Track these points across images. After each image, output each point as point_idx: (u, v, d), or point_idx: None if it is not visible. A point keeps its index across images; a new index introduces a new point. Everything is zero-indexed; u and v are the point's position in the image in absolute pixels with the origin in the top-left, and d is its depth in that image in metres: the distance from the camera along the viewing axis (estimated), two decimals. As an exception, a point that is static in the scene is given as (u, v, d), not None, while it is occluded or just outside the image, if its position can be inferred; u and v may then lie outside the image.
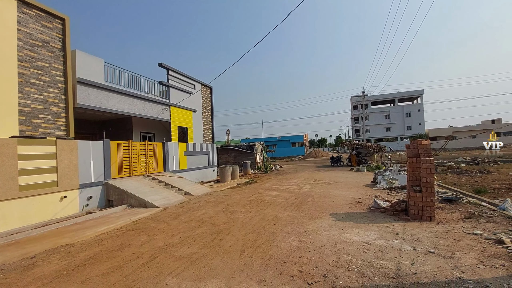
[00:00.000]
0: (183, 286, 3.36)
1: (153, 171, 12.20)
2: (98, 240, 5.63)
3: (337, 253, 4.20)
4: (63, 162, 8.12)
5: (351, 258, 3.97)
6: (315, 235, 5.11)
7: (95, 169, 9.26)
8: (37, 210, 7.38)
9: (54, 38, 8.80)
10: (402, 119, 61.39)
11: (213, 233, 5.64)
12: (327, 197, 9.08)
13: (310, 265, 3.81)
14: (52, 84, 8.64)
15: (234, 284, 3.36)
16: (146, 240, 5.39)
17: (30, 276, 3.93)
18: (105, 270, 3.99)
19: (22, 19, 7.98)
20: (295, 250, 4.38)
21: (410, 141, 6.54)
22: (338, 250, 4.30)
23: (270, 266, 3.83)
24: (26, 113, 7.89)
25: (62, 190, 8.06)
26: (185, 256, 4.40)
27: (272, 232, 5.44)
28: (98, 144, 9.51)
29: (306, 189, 11.15)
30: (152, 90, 13.72)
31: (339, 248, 4.41)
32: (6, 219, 6.67)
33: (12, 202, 6.83)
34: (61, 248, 5.19)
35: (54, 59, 8.75)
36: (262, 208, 7.89)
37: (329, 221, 6.12)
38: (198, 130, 17.71)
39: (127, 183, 9.81)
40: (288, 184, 13.28)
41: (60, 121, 8.79)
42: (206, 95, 19.27)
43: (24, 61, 7.94)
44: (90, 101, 9.91)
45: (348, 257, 4.00)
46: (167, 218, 7.21)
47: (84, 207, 8.71)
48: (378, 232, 5.13)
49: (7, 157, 6.77)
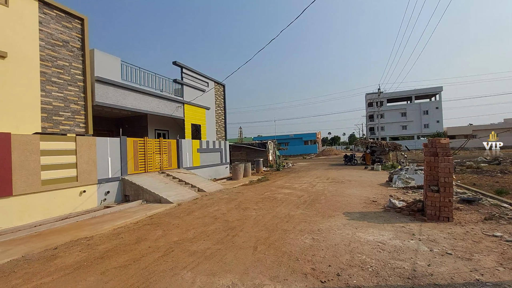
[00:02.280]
0: (197, 280, 3.43)
1: (167, 168, 12.44)
2: (115, 233, 5.82)
3: (351, 252, 4.15)
4: (82, 158, 8.42)
5: (365, 258, 3.91)
6: (328, 234, 5.08)
7: (112, 165, 9.55)
8: (58, 204, 7.71)
9: (73, 38, 9.09)
10: (419, 117, 59.56)
11: (226, 229, 5.70)
12: (340, 196, 8.97)
13: (324, 263, 3.79)
14: (72, 82, 8.95)
15: (247, 279, 3.40)
16: (161, 235, 5.53)
17: (52, 267, 4.12)
18: (123, 263, 4.13)
19: (44, 19, 8.29)
20: (308, 248, 4.37)
21: (428, 139, 6.35)
22: (352, 249, 4.25)
23: (283, 263, 3.84)
24: (47, 110, 8.22)
25: (81, 185, 8.37)
26: (199, 251, 4.48)
27: (284, 230, 5.45)
28: (115, 141, 9.80)
29: (319, 188, 11.06)
30: (166, 88, 13.95)
31: (353, 247, 4.36)
32: (30, 211, 7.01)
33: (35, 195, 7.16)
34: (81, 240, 5.41)
35: (74, 58, 9.05)
36: (275, 205, 7.90)
37: (342, 220, 6.05)
38: (211, 128, 17.88)
39: (143, 179, 10.06)
40: (300, 182, 13.22)
41: (79, 118, 9.11)
42: (219, 92, 19.40)
43: (46, 61, 8.25)
44: (107, 99, 10.21)
45: (362, 257, 3.96)
46: (181, 214, 7.35)
47: (102, 202, 9.01)
48: (393, 232, 5.04)
49: (31, 152, 7.09)
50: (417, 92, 60.36)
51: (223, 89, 19.96)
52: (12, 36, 7.45)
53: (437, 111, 58.27)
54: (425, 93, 59.92)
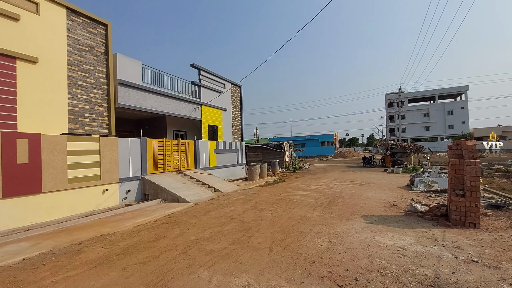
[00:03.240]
0: (214, 279, 3.48)
1: (184, 168, 12.71)
2: (136, 231, 6.02)
3: (370, 256, 4.05)
4: (105, 158, 8.79)
5: (384, 263, 3.80)
6: (345, 237, 4.98)
7: (133, 164, 9.89)
8: (83, 201, 8.08)
9: (98, 43, 9.53)
10: (443, 117, 56.95)
11: (242, 229, 5.74)
12: (358, 199, 8.77)
13: (341, 267, 3.72)
14: (96, 85, 9.37)
15: (263, 280, 3.41)
16: (179, 233, 5.65)
17: (77, 261, 4.33)
18: (142, 259, 4.27)
19: (71, 26, 8.75)
20: (325, 251, 4.31)
21: (453, 141, 6.07)
22: (370, 254, 4.14)
23: (299, 265, 3.81)
24: (74, 112, 8.66)
25: (104, 184, 8.73)
26: (216, 250, 4.54)
27: (301, 232, 5.40)
28: (136, 142, 10.14)
29: (336, 190, 10.87)
30: (184, 90, 14.27)
31: (372, 251, 4.24)
32: (57, 208, 7.40)
33: (62, 193, 7.55)
34: (103, 236, 5.64)
35: (98, 62, 9.48)
36: (291, 207, 7.85)
37: (360, 223, 5.91)
38: (228, 129, 18.06)
39: (161, 179, 10.34)
40: (317, 184, 13.04)
41: (103, 120, 9.52)
42: (236, 94, 19.57)
43: (73, 65, 8.71)
44: (129, 101, 10.60)
45: (381, 261, 3.84)
46: (198, 213, 7.48)
47: (123, 200, 9.35)
48: (414, 237, 4.85)
49: (58, 152, 7.49)
50: (441, 92, 57.75)
51: (240, 90, 20.11)
52: (42, 43, 7.93)
53: (463, 111, 55.46)
54: (449, 92, 57.22)
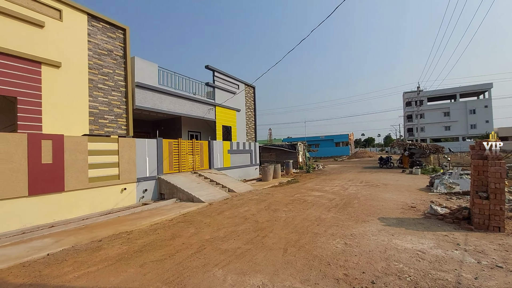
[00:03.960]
0: (228, 278, 3.51)
1: (199, 168, 12.89)
2: (152, 229, 6.17)
3: (387, 259, 3.95)
4: (123, 158, 9.07)
5: (402, 266, 3.70)
6: (362, 239, 4.88)
7: (150, 164, 10.14)
8: (102, 200, 8.37)
9: (117, 47, 9.86)
10: (464, 116, 54.55)
11: (256, 230, 5.75)
12: (375, 200, 8.57)
13: (357, 269, 3.65)
14: (115, 88, 9.69)
15: (277, 281, 3.40)
16: (194, 232, 5.74)
17: (98, 257, 4.49)
18: (159, 257, 4.37)
19: (91, 31, 9.10)
20: (340, 253, 4.24)
21: (475, 141, 5.81)
22: (388, 257, 4.04)
23: (314, 267, 3.77)
24: (94, 114, 9.00)
25: (122, 183, 9.00)
26: (230, 250, 4.58)
27: (315, 233, 5.35)
28: (152, 142, 10.40)
29: (351, 191, 10.67)
30: (199, 91, 14.49)
31: (389, 254, 4.13)
32: (78, 206, 7.71)
33: (83, 191, 7.86)
34: (122, 234, 5.82)
35: (117, 65, 9.81)
36: (305, 208, 7.78)
37: (377, 225, 5.77)
38: (242, 129, 18.15)
39: (177, 179, 10.54)
40: (331, 184, 12.86)
41: (121, 121, 9.83)
42: (249, 94, 19.64)
43: (93, 69, 9.05)
44: (146, 102, 10.89)
45: (399, 265, 3.74)
46: (212, 213, 7.56)
47: (140, 199, 9.61)
48: (434, 241, 4.69)
49: (80, 152, 7.80)
50: (462, 90, 55.35)
51: (253, 91, 20.17)
52: (65, 48, 8.30)
53: (486, 110, 52.89)
54: (472, 90, 54.73)
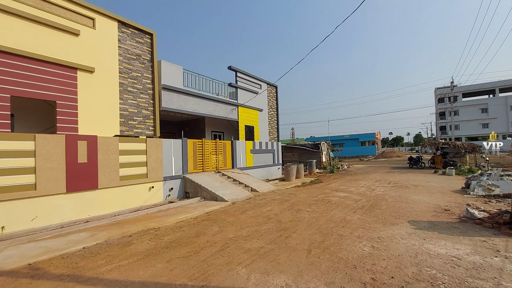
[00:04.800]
0: (252, 277, 3.52)
1: (222, 168, 13.09)
2: (178, 226, 6.37)
3: (418, 265, 3.74)
4: (151, 158, 9.45)
5: (435, 273, 3.48)
6: (390, 243, 4.67)
7: (175, 164, 10.48)
8: (132, 197, 8.79)
9: (144, 52, 10.30)
10: (505, 113, 50.15)
11: (279, 230, 5.72)
12: (404, 202, 8.16)
13: (385, 274, 3.50)
14: (143, 91, 10.14)
15: (301, 282, 3.35)
16: (218, 231, 5.84)
17: (128, 252, 4.72)
18: (185, 253, 4.50)
19: (121, 37, 9.59)
20: (367, 256, 4.09)
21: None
22: (419, 262, 3.83)
23: (339, 269, 3.67)
24: (124, 116, 9.47)
25: (150, 181, 9.39)
26: (253, 249, 4.59)
27: (340, 235, 5.20)
28: (177, 142, 10.73)
29: (378, 192, 10.26)
30: (222, 92, 14.72)
31: (420, 259, 3.91)
32: (110, 203, 8.16)
33: (114, 189, 8.30)
34: (150, 230, 6.07)
35: (145, 69, 10.25)
36: (329, 209, 7.61)
37: (407, 228, 5.49)
38: (264, 129, 18.16)
39: (201, 178, 10.79)
40: (357, 185, 12.45)
41: (149, 122, 10.26)
42: (272, 94, 19.60)
43: (123, 73, 9.53)
44: (171, 104, 11.27)
45: (431, 271, 3.53)
46: (235, 212, 7.65)
47: (166, 197, 9.96)
48: (471, 247, 4.36)
49: (112, 152, 8.25)
50: (502, 84, 50.92)
51: (276, 90, 20.10)
52: (98, 54, 8.82)
53: (531, 106, 48.26)
54: (513, 84, 50.25)
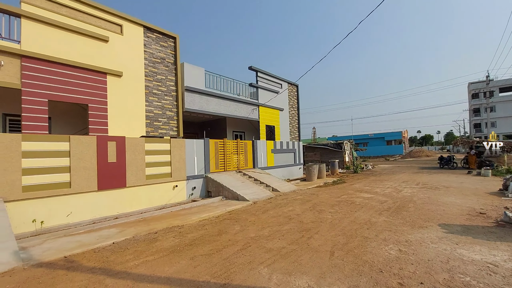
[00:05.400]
0: (274, 277, 3.52)
1: (243, 167, 13.19)
2: (201, 224, 6.52)
3: (450, 271, 3.53)
4: (175, 157, 9.76)
5: (469, 280, 3.26)
6: (419, 247, 4.45)
7: (198, 163, 10.73)
8: (157, 196, 9.13)
9: (168, 55, 10.65)
10: (550, 108, 45.76)
11: (301, 230, 5.66)
12: (434, 204, 7.74)
13: (414, 279, 3.34)
14: (167, 93, 10.49)
15: (324, 284, 3.29)
16: (239, 230, 5.90)
17: (154, 248, 4.91)
18: (207, 251, 4.59)
19: (147, 42, 9.98)
20: (394, 260, 3.93)
21: None
22: (451, 268, 3.61)
23: (364, 273, 3.56)
24: (150, 117, 9.86)
25: (174, 180, 9.69)
26: (275, 249, 4.58)
27: (365, 237, 5.04)
28: (200, 142, 10.98)
29: (406, 193, 9.80)
30: (243, 92, 14.84)
31: (453, 265, 3.69)
32: (138, 201, 8.53)
33: (141, 188, 8.67)
34: (174, 228, 6.26)
35: (169, 72, 10.60)
36: (353, 210, 7.40)
37: (437, 232, 5.20)
38: (285, 128, 18.06)
39: (222, 177, 10.95)
40: (382, 186, 11.99)
41: (173, 123, 10.60)
42: (293, 93, 19.44)
43: (149, 76, 9.92)
44: (194, 105, 11.55)
45: (465, 278, 3.31)
46: (257, 212, 7.67)
47: (189, 196, 10.23)
48: (510, 253, 4.04)
49: (138, 152, 8.62)
50: (547, 77, 46.56)
51: (297, 89, 19.91)
52: (125, 58, 9.25)
53: None
54: (561, 77, 45.68)
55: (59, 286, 3.47)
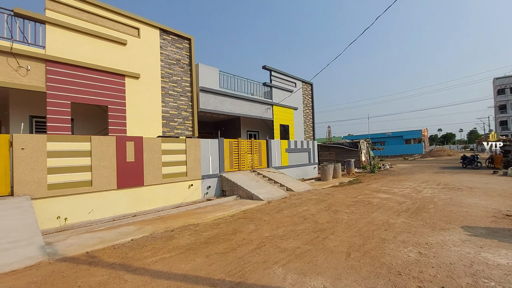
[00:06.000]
0: (289, 277, 3.51)
1: (257, 167, 13.21)
2: (216, 223, 6.60)
3: (474, 275, 3.38)
4: (190, 157, 9.92)
5: (494, 285, 3.11)
6: (440, 249, 4.28)
7: (213, 163, 10.86)
8: (173, 194, 9.32)
9: (183, 56, 10.84)
10: None
11: (316, 230, 5.60)
12: (456, 206, 7.42)
13: (434, 283, 3.22)
14: (183, 93, 10.69)
15: (340, 286, 3.24)
16: (254, 229, 5.92)
17: (170, 245, 5.02)
18: (222, 250, 4.64)
19: (163, 44, 10.21)
20: (413, 263, 3.80)
21: None
22: (474, 272, 3.45)
23: (382, 275, 3.47)
24: (166, 117, 10.08)
25: (189, 180, 9.86)
26: (290, 249, 4.56)
27: (382, 239, 4.92)
28: (214, 142, 11.10)
29: (426, 194, 9.46)
30: (256, 92, 14.86)
31: (476, 269, 3.53)
32: (155, 199, 8.75)
33: (158, 186, 8.88)
34: (190, 226, 6.37)
35: (184, 73, 10.79)
36: (370, 210, 7.23)
37: (460, 234, 4.99)
38: (299, 128, 17.92)
39: (237, 177, 11.02)
40: (401, 186, 11.64)
41: (188, 123, 10.79)
42: (307, 92, 19.24)
43: (165, 77, 10.15)
44: (209, 105, 11.70)
45: (490, 283, 3.16)
46: (271, 211, 7.67)
47: (204, 195, 10.37)
48: (542, 259, 3.81)
49: (155, 152, 8.84)
50: None
51: (311, 88, 19.69)
52: (142, 61, 9.51)
53: None
54: None
55: (82, 280, 3.63)
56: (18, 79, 7.11)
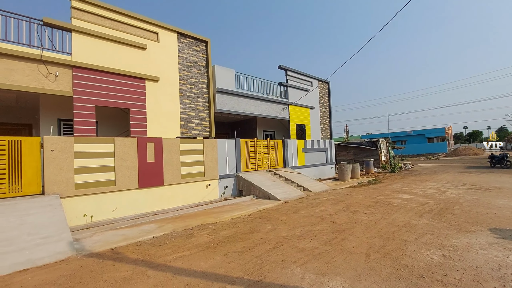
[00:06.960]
0: (307, 277, 3.50)
1: (274, 167, 13.21)
2: (233, 222, 6.68)
3: (502, 279, 3.22)
4: (207, 157, 10.10)
5: (527, 291, 2.95)
6: (466, 252, 4.11)
7: (229, 163, 10.99)
8: (192, 194, 9.53)
9: (200, 58, 11.06)
10: None
11: (334, 231, 5.54)
12: (483, 207, 7.06)
13: (459, 286, 3.10)
14: (200, 95, 10.90)
15: (360, 287, 3.20)
16: (271, 229, 5.94)
17: (190, 243, 5.15)
18: (240, 248, 4.71)
19: (181, 47, 10.46)
20: (437, 266, 3.68)
21: None
22: (502, 276, 3.29)
23: (403, 277, 3.39)
24: (184, 119, 10.32)
25: (207, 179, 10.04)
26: (307, 249, 4.55)
27: (404, 240, 4.78)
28: (231, 142, 11.23)
29: (450, 195, 9.07)
30: (272, 91, 14.86)
31: (505, 273, 3.36)
32: (174, 198, 8.99)
33: (177, 186, 9.12)
34: (208, 225, 6.50)
35: (201, 75, 11.00)
36: (390, 211, 7.04)
37: (487, 237, 4.75)
38: (316, 127, 17.71)
39: (253, 176, 11.08)
40: (423, 187, 11.22)
41: (205, 124, 10.99)
42: (323, 91, 18.98)
43: (183, 80, 10.39)
44: (225, 106, 11.85)
45: (522, 289, 3.00)
46: (288, 211, 7.65)
47: (222, 194, 10.52)
48: None
49: (174, 152, 9.08)
50: None
51: (328, 87, 19.40)
52: (161, 64, 9.80)
53: None
54: None
55: (108, 275, 3.81)
56: (47, 84, 7.56)
